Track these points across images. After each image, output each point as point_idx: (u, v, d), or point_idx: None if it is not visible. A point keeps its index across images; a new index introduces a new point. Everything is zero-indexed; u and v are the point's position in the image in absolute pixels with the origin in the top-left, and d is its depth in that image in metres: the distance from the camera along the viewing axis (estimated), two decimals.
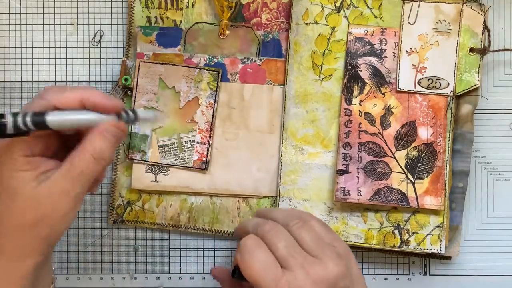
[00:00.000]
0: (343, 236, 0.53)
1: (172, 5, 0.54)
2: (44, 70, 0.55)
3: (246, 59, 0.54)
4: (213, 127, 0.53)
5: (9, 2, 0.55)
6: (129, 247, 0.55)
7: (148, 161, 0.53)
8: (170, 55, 0.54)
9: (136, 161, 0.53)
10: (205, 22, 0.54)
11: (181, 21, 0.54)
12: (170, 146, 0.53)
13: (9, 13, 0.55)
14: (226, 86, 0.54)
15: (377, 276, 0.56)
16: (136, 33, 0.54)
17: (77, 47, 0.55)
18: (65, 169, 0.39)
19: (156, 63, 0.53)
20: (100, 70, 0.55)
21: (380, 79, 0.53)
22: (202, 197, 0.55)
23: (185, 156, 0.53)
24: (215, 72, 0.53)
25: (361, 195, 0.53)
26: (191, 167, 0.53)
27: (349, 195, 0.53)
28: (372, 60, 0.53)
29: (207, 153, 0.53)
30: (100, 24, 0.55)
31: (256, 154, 0.54)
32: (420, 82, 0.53)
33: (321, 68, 0.54)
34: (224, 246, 0.55)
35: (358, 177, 0.53)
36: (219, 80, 0.53)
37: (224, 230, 0.55)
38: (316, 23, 0.54)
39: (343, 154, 0.53)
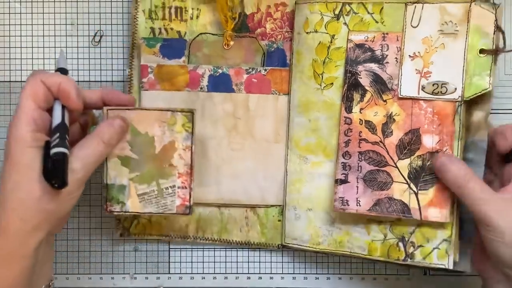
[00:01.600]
0: (347, 247, 0.52)
1: (176, 16, 0.55)
2: (44, 70, 0.54)
3: (251, 69, 0.55)
4: (193, 169, 0.51)
5: (9, 2, 0.55)
6: (129, 247, 0.56)
7: (128, 212, 0.50)
8: (174, 66, 0.55)
9: (116, 213, 0.51)
10: (209, 33, 0.56)
11: (185, 32, 0.55)
12: (150, 194, 0.51)
13: (9, 13, 0.55)
14: (232, 97, 0.55)
15: (377, 276, 0.55)
16: (140, 45, 0.55)
17: (77, 47, 0.55)
18: (76, 151, 0.44)
19: (126, 109, 0.50)
20: (100, 70, 0.56)
21: (381, 86, 0.52)
22: (210, 207, 0.55)
23: (167, 202, 0.51)
24: (189, 113, 0.50)
25: (360, 205, 0.51)
26: (175, 213, 0.51)
27: (348, 205, 0.52)
28: (373, 66, 0.52)
29: (190, 197, 0.51)
30: (100, 24, 0.56)
31: (263, 163, 0.55)
32: (424, 88, 0.51)
33: (322, 77, 0.53)
34: (224, 247, 0.56)
35: (357, 187, 0.52)
36: (194, 121, 0.50)
37: (233, 240, 0.55)
38: (316, 31, 0.53)
39: (342, 164, 0.52)
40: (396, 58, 0.51)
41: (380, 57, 0.52)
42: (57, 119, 0.44)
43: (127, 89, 0.55)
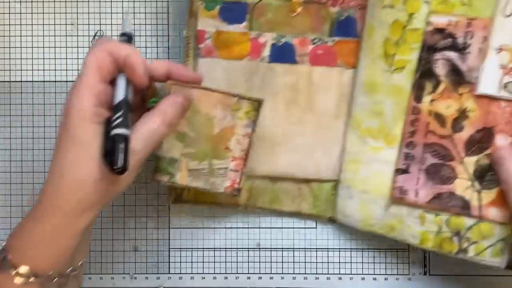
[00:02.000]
0: (399, 233, 0.52)
1: None
2: (44, 70, 0.55)
3: (317, 40, 0.51)
4: (248, 155, 0.50)
5: (9, 2, 0.55)
6: (129, 247, 0.55)
7: (176, 183, 0.50)
8: (234, 33, 0.51)
9: (163, 183, 0.50)
10: None
11: None
12: (200, 171, 0.50)
13: (9, 13, 0.55)
14: (294, 68, 0.51)
15: (377, 276, 0.55)
16: (197, 8, 0.51)
17: (77, 47, 0.55)
18: (138, 130, 0.42)
19: (191, 86, 0.48)
20: None
21: (458, 78, 0.47)
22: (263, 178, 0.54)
23: (216, 181, 0.50)
24: (256, 102, 0.49)
25: (419, 197, 0.50)
26: (222, 193, 0.51)
27: (407, 195, 0.50)
28: (452, 55, 0.47)
29: (240, 180, 0.50)
30: (100, 24, 0.55)
31: (321, 138, 0.53)
32: (506, 86, 0.46)
33: (393, 58, 0.49)
34: (224, 246, 0.55)
35: (418, 178, 0.50)
36: (259, 111, 0.49)
37: (284, 210, 0.55)
38: (393, 7, 0.48)
39: (405, 154, 0.50)
40: (480, 48, 0.46)
41: (462, 45, 0.47)
42: (120, 94, 0.42)
43: (183, 55, 0.53)
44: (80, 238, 0.42)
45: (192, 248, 0.56)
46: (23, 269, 0.40)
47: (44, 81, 0.54)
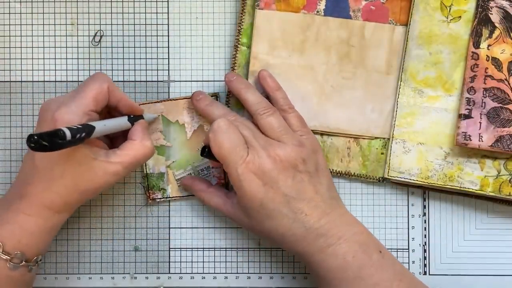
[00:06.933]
0: (457, 182, 0.53)
1: None
2: (44, 70, 0.55)
3: None
4: None
5: (9, 2, 0.55)
6: (129, 247, 0.56)
7: (169, 197, 0.55)
8: None
9: (158, 199, 0.55)
10: None
11: None
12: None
13: (9, 13, 0.55)
14: (348, 23, 0.54)
15: None
16: None
17: (77, 47, 0.55)
18: (122, 155, 0.48)
19: (155, 102, 0.54)
20: (100, 70, 0.55)
21: (511, 24, 0.52)
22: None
23: None
24: (213, 97, 0.54)
25: (482, 141, 0.52)
26: None
27: (470, 140, 0.52)
28: (504, 3, 0.52)
29: (225, 175, 0.54)
30: (100, 24, 0.55)
31: (372, 94, 0.54)
32: None
33: (450, 9, 0.53)
34: (224, 246, 0.56)
35: (480, 122, 0.52)
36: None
37: (333, 169, 0.55)
38: None
39: (467, 99, 0.52)
40: None
41: None
42: None
43: (241, 6, 0.54)
44: (56, 231, 0.49)
45: (192, 248, 0.56)
46: (17, 255, 0.46)
47: (44, 81, 0.55)
